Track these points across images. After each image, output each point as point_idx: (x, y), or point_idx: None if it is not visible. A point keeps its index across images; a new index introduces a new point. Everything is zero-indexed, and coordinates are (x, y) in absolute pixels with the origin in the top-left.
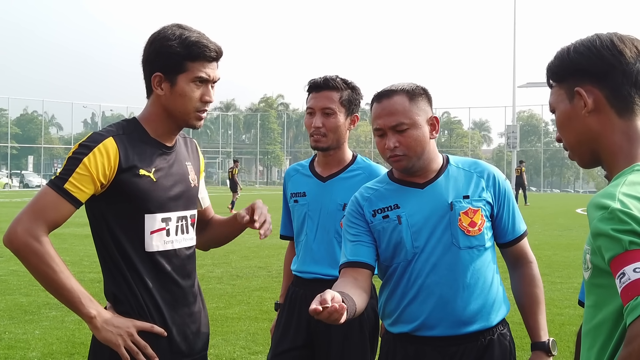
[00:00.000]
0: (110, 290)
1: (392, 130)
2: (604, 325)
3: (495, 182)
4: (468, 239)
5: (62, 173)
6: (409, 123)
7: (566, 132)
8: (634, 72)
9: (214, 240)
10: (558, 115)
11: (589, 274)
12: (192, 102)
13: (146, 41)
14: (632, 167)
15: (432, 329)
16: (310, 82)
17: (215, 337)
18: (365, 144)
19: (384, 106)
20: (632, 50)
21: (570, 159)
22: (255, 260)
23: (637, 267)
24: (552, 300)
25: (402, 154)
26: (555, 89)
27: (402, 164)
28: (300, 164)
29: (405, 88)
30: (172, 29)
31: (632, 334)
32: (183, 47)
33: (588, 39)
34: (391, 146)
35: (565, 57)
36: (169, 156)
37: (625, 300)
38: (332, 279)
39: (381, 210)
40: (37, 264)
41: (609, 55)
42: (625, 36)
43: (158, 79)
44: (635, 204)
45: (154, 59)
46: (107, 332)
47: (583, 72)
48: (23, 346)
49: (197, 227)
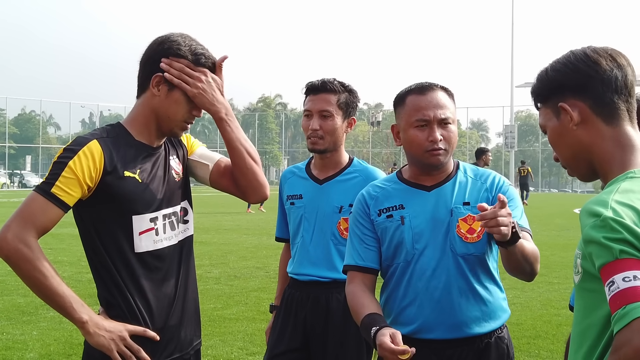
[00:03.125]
0: (102, 294)
1: (439, 123)
2: (591, 330)
3: (496, 186)
4: (465, 246)
5: (49, 178)
6: (452, 119)
7: (560, 149)
8: (613, 79)
9: (238, 173)
10: (549, 133)
11: (579, 278)
12: (182, 112)
13: (152, 41)
14: (626, 174)
15: (430, 332)
16: (308, 84)
17: (213, 337)
18: (364, 144)
19: (430, 98)
20: (607, 59)
21: (570, 176)
22: (253, 261)
23: (626, 276)
24: (549, 301)
25: (444, 148)
26: (542, 110)
27: (442, 159)
28: (297, 167)
29: (444, 86)
30: (182, 35)
31: (618, 343)
32: (192, 54)
33: (563, 56)
34: (438, 138)
35: (544, 78)
36: (153, 157)
37: (614, 308)
38: (328, 281)
39: (386, 210)
40: (27, 269)
41: (584, 67)
42: (599, 47)
43: (158, 79)
44: (628, 212)
45: (159, 60)
46: (99, 336)
47: (563, 87)
48: (21, 347)
49: (229, 180)
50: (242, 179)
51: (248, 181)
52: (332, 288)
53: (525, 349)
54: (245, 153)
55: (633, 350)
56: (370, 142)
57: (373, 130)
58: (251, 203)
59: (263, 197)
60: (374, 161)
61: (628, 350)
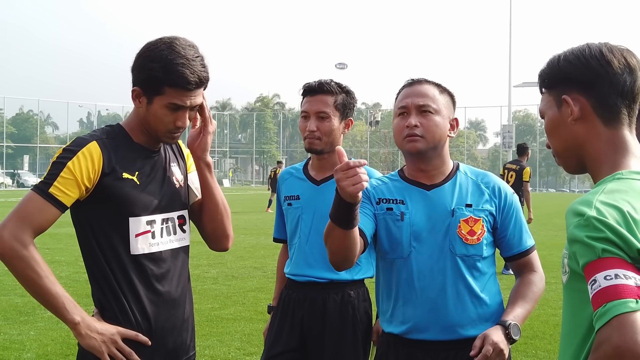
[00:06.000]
0: (96, 296)
1: (417, 110)
2: (579, 329)
3: (501, 195)
4: (465, 247)
5: (47, 178)
6: (434, 108)
7: (554, 139)
8: (621, 83)
9: (208, 219)
10: (546, 121)
11: (566, 278)
12: (164, 124)
13: (138, 50)
14: (614, 175)
15: (423, 332)
16: (305, 86)
17: (210, 338)
18: (361, 144)
19: (414, 89)
20: (620, 61)
21: (557, 164)
22: (251, 261)
23: (608, 275)
24: (546, 301)
25: (421, 135)
26: (545, 96)
27: (418, 145)
28: (294, 167)
29: (437, 82)
30: (161, 48)
31: (599, 340)
32: (164, 72)
33: (578, 48)
34: (412, 123)
35: (555, 65)
36: (153, 160)
37: (595, 306)
38: (325, 282)
39: (386, 201)
40: (22, 269)
41: (596, 65)
42: (616, 46)
43: (137, 92)
44: (612, 212)
45: (137, 74)
46: (90, 338)
47: (571, 80)
48: (18, 347)
49: (199, 220)
50: (210, 225)
51: (214, 229)
52: (329, 289)
53: (523, 349)
54: (220, 202)
55: (612, 348)
56: (368, 142)
57: (371, 130)
58: (212, 249)
59: (223, 248)
60: (371, 161)
61: (607, 348)
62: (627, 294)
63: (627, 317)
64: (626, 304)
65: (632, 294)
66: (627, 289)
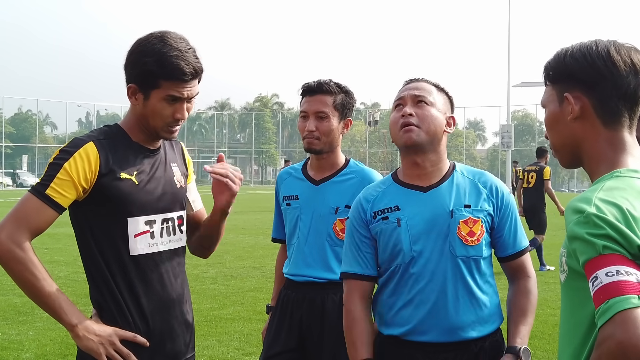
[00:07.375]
0: (94, 296)
1: (412, 101)
2: (579, 328)
3: (498, 195)
4: (465, 248)
5: (44, 179)
6: (430, 101)
7: (552, 133)
8: (625, 85)
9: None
10: (547, 115)
11: (565, 276)
12: (162, 118)
13: (129, 47)
14: (612, 173)
15: (423, 335)
16: (304, 86)
17: (209, 337)
18: (360, 144)
19: (411, 85)
20: (626, 63)
21: (553, 157)
22: (250, 261)
23: (609, 271)
24: (545, 301)
25: (416, 124)
26: (549, 89)
27: (412, 135)
28: (293, 167)
29: (435, 82)
30: (153, 42)
31: (602, 337)
32: (158, 65)
33: (586, 44)
34: (407, 112)
35: (561, 60)
36: (152, 159)
37: (597, 303)
38: (324, 282)
39: (381, 212)
40: (19, 271)
41: (601, 66)
42: (624, 45)
43: (132, 89)
44: (611, 209)
45: (130, 70)
46: (88, 340)
47: (575, 78)
48: (16, 347)
49: (189, 231)
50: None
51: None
52: (327, 289)
53: None
54: (219, 239)
55: (615, 344)
56: (367, 141)
57: (370, 130)
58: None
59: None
60: (370, 161)
61: (611, 344)
62: (629, 290)
63: (629, 313)
64: (628, 300)
65: (634, 290)
66: (629, 285)
